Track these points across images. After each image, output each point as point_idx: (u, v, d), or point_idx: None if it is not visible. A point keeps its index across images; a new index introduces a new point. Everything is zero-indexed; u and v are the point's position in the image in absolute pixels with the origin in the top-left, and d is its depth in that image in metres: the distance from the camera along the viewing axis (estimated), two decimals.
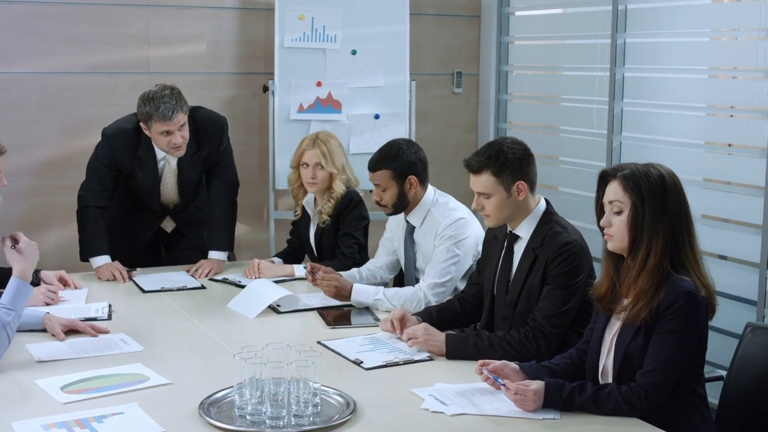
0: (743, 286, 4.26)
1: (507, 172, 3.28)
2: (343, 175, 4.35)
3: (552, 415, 2.63)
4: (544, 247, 3.26)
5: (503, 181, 3.28)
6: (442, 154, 5.83)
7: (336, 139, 4.45)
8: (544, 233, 3.29)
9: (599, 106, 5.09)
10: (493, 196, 3.29)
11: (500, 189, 3.28)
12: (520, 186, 3.29)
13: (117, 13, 5.30)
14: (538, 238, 3.30)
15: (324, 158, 4.31)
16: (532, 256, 3.29)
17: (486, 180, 3.29)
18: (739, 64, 4.51)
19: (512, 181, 3.28)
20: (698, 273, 2.67)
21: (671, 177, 2.73)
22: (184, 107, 4.23)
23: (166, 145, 4.25)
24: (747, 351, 2.96)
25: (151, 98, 4.19)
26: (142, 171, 4.38)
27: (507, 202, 3.29)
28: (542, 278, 3.24)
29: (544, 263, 3.23)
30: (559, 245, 3.21)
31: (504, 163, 3.28)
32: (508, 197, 3.29)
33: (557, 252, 3.20)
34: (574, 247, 3.21)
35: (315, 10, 5.41)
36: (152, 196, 4.47)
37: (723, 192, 4.48)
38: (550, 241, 3.25)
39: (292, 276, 4.27)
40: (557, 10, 5.68)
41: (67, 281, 4.04)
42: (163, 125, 4.18)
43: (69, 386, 2.84)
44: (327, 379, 2.75)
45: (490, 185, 3.29)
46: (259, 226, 5.70)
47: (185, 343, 3.34)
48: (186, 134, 4.27)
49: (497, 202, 3.30)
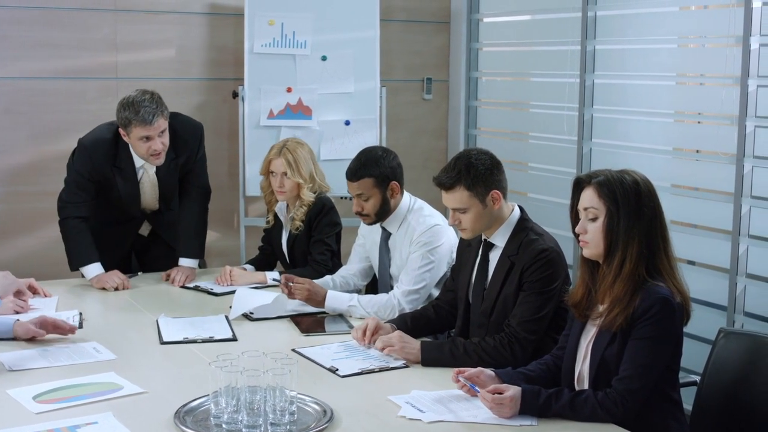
0: (712, 291, 4.30)
1: (480, 183, 3.28)
2: (310, 184, 4.33)
3: (529, 422, 2.64)
4: (520, 254, 3.27)
5: (478, 194, 3.27)
6: (412, 161, 5.82)
7: (304, 146, 4.42)
8: (519, 241, 3.30)
9: (569, 112, 5.11)
10: (469, 210, 3.29)
11: (476, 202, 3.28)
12: (495, 195, 3.29)
13: (85, 18, 5.26)
14: (513, 246, 3.30)
15: (290, 168, 4.28)
16: (508, 263, 3.30)
17: (460, 195, 3.29)
18: (706, 71, 4.56)
19: (486, 192, 3.28)
20: (673, 279, 2.69)
21: (645, 183, 2.74)
22: (164, 112, 4.17)
23: (145, 152, 4.19)
24: (720, 356, 2.99)
25: (131, 103, 4.12)
26: (121, 180, 4.32)
27: (484, 213, 3.30)
28: (518, 285, 3.25)
29: (520, 270, 3.24)
30: (536, 252, 3.22)
31: (476, 175, 3.28)
32: (484, 208, 3.29)
33: (534, 259, 3.21)
34: (550, 254, 3.22)
35: (285, 15, 5.40)
36: (132, 204, 4.42)
37: (691, 198, 4.52)
38: (526, 249, 3.26)
39: (264, 283, 4.26)
40: (526, 16, 5.71)
41: (37, 289, 4.00)
42: (143, 130, 4.12)
43: (41, 396, 2.81)
44: (303, 386, 2.74)
45: (465, 199, 3.29)
46: (229, 233, 5.68)
47: (158, 351, 3.32)
48: (166, 141, 4.22)
49: (474, 215, 3.30)
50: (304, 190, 4.30)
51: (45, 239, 4.44)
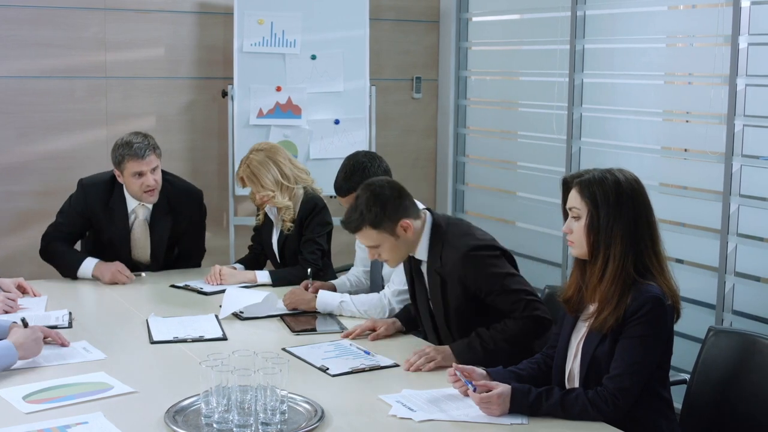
0: (701, 290, 4.32)
1: (385, 220, 3.26)
2: (278, 190, 4.28)
3: (519, 420, 2.64)
4: (443, 266, 3.28)
5: (386, 229, 3.27)
6: (402, 160, 5.84)
7: (264, 152, 4.32)
8: (438, 254, 3.31)
9: (558, 111, 5.12)
10: (383, 245, 3.30)
11: (386, 236, 3.28)
12: (404, 224, 3.28)
13: (74, 17, 5.25)
14: (435, 259, 3.32)
15: (251, 183, 4.28)
16: (438, 278, 3.31)
17: (369, 234, 3.29)
18: (695, 70, 4.58)
19: (394, 225, 3.27)
20: (663, 277, 2.70)
21: (629, 182, 2.73)
22: (156, 150, 4.31)
23: (138, 188, 4.28)
24: (710, 354, 2.99)
25: (125, 141, 4.29)
26: (112, 223, 4.38)
27: (398, 243, 3.30)
28: (463, 293, 3.26)
29: (458, 281, 3.25)
30: (461, 257, 3.23)
31: (377, 214, 3.25)
32: (397, 239, 3.29)
33: (462, 264, 3.23)
34: (473, 250, 3.23)
35: (274, 14, 5.40)
36: (122, 249, 4.42)
37: (680, 197, 4.53)
38: (448, 260, 3.27)
39: (255, 282, 4.25)
40: (515, 15, 5.72)
41: (26, 288, 3.99)
42: (136, 164, 4.23)
43: (31, 396, 2.80)
44: (294, 386, 2.74)
45: (375, 237, 3.29)
46: (218, 232, 5.66)
47: (149, 351, 3.31)
48: (159, 178, 4.32)
49: (389, 247, 3.31)
50: (276, 198, 4.28)
51: (33, 239, 4.42)
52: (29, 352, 3.06)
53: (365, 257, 4.18)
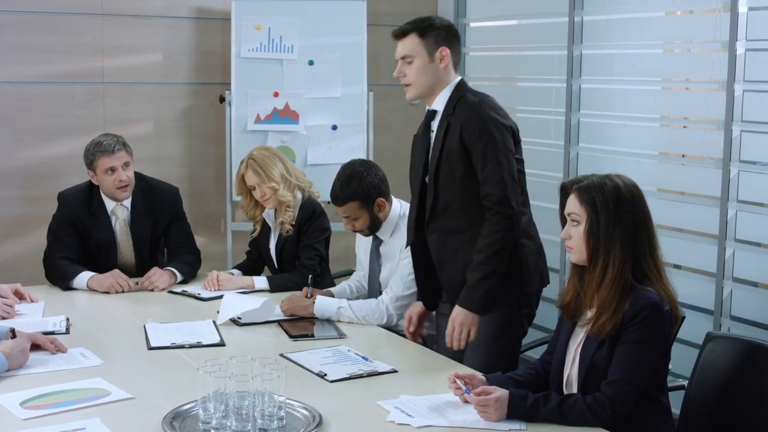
0: (699, 295, 4.32)
1: (431, 35, 3.31)
2: (284, 184, 4.32)
3: (517, 426, 2.64)
4: (455, 114, 3.32)
5: (427, 44, 3.31)
6: (399, 165, 5.77)
7: (267, 150, 4.43)
8: (454, 102, 3.35)
9: (556, 117, 5.13)
10: (415, 58, 3.33)
11: (423, 52, 3.32)
12: (444, 52, 3.32)
13: (71, 23, 5.25)
14: (450, 107, 3.36)
15: (258, 176, 4.29)
16: (445, 124, 3.35)
17: (411, 42, 3.33)
18: (692, 76, 4.58)
19: (436, 46, 3.32)
20: (661, 283, 2.70)
21: (628, 188, 2.74)
22: (127, 147, 4.36)
23: (112, 185, 4.31)
24: (707, 360, 2.99)
25: (95, 142, 4.35)
26: (98, 227, 4.39)
27: (429, 68, 3.33)
28: (460, 143, 3.30)
29: (459, 129, 3.30)
30: (472, 109, 3.31)
31: (431, 25, 3.32)
32: (430, 62, 3.32)
33: (469, 117, 3.29)
34: (486, 119, 3.29)
35: (272, 20, 5.40)
36: (109, 254, 4.43)
37: (677, 202, 4.54)
38: (461, 109, 3.31)
39: (252, 288, 4.25)
40: (513, 21, 5.73)
41: (23, 294, 3.99)
42: (107, 160, 4.28)
43: (29, 402, 2.79)
44: (292, 392, 2.74)
45: (414, 47, 3.32)
46: (216, 238, 5.66)
47: (146, 357, 3.31)
48: (131, 174, 4.37)
49: (419, 65, 3.33)
50: (280, 192, 4.30)
51: (31, 244, 4.43)
52: (15, 362, 3.06)
53: (366, 260, 4.19)
